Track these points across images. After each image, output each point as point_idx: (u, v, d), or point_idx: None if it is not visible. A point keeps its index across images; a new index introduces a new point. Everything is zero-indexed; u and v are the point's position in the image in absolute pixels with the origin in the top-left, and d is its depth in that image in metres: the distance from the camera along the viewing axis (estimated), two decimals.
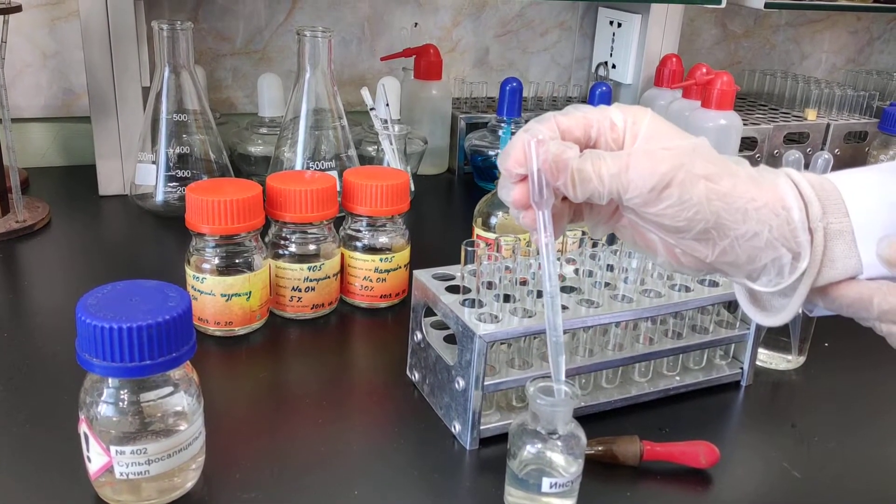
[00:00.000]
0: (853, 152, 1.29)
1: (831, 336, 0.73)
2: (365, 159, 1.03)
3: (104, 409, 0.46)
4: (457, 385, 0.55)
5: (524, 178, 0.40)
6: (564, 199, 0.41)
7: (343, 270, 0.74)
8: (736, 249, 0.40)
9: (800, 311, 0.66)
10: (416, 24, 1.22)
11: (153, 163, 0.91)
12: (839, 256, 0.39)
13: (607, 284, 0.59)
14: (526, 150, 0.39)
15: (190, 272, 0.67)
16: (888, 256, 0.37)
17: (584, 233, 0.61)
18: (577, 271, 0.61)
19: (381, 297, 0.74)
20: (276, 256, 0.71)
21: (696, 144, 0.40)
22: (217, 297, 0.66)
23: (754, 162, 0.42)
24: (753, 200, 0.39)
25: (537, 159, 0.39)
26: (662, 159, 0.39)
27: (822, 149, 1.27)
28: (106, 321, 0.43)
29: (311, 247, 0.71)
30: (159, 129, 0.90)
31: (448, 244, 0.77)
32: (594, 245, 0.61)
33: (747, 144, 1.21)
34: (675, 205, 0.39)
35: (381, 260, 0.73)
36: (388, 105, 0.99)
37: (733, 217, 0.39)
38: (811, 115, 1.28)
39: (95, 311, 0.44)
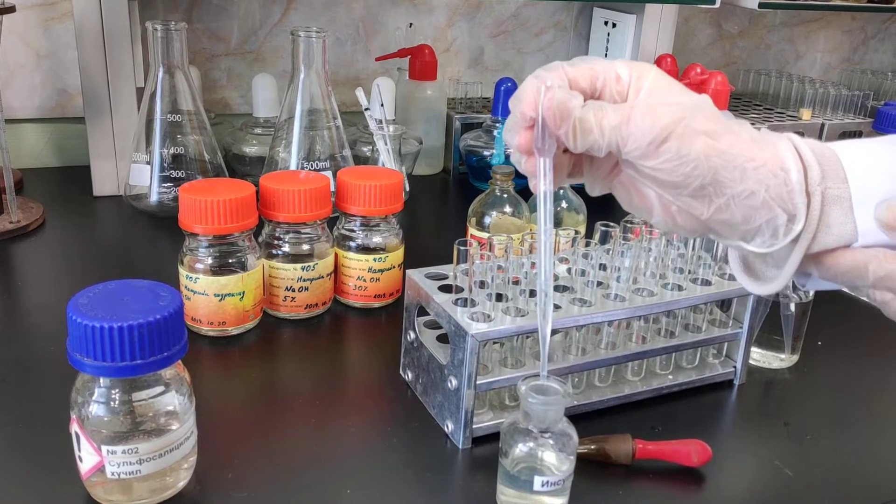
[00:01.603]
0: None
1: (824, 335, 0.73)
2: (360, 159, 1.03)
3: (95, 409, 0.46)
4: (449, 384, 0.55)
5: (533, 124, 0.40)
6: (565, 151, 0.42)
7: (337, 270, 0.74)
8: (732, 208, 0.40)
9: (792, 309, 0.66)
10: (410, 24, 1.22)
11: (147, 163, 0.91)
12: (835, 222, 0.39)
13: (600, 283, 0.59)
14: (535, 96, 0.40)
15: (183, 272, 0.67)
16: (886, 220, 0.37)
17: (576, 232, 0.61)
18: (569, 270, 0.61)
19: (374, 296, 0.74)
20: (270, 256, 0.71)
21: (698, 101, 0.40)
22: (210, 296, 0.66)
23: None
24: (752, 160, 0.39)
25: (542, 105, 0.39)
26: (663, 113, 0.39)
27: None
28: (97, 321, 0.43)
29: (305, 247, 0.71)
30: (153, 130, 0.90)
31: (442, 244, 0.77)
32: (587, 244, 0.61)
33: None
34: (673, 159, 0.39)
35: (374, 260, 0.73)
36: (382, 105, 1.00)
37: (731, 175, 0.39)
38: (806, 114, 1.28)
39: (86, 311, 0.44)
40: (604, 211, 1.06)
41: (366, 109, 0.98)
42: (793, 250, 0.40)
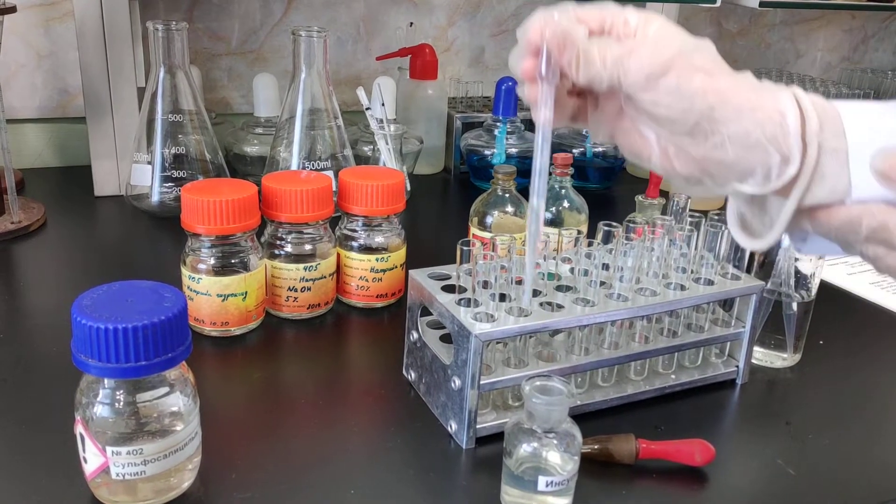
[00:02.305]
0: None
1: (826, 334, 0.73)
2: (361, 159, 1.03)
3: (100, 410, 0.46)
4: (453, 384, 0.55)
5: (538, 52, 0.42)
6: (570, 92, 0.44)
7: (339, 270, 0.74)
8: (726, 146, 0.40)
9: (794, 308, 0.66)
10: (411, 23, 1.22)
11: (149, 163, 0.91)
12: (830, 174, 0.40)
13: (603, 283, 0.60)
14: (542, 24, 0.41)
15: (186, 272, 0.67)
16: (882, 169, 0.37)
17: (579, 231, 0.61)
18: (572, 270, 0.61)
19: (377, 296, 0.74)
20: (272, 256, 0.71)
21: (700, 43, 0.41)
22: (213, 297, 0.66)
23: None
24: (749, 101, 0.40)
25: (547, 33, 0.41)
26: (664, 48, 0.40)
27: None
28: (101, 322, 0.43)
29: (307, 247, 0.71)
30: (155, 130, 0.90)
31: (444, 244, 0.77)
32: (590, 244, 0.61)
33: None
34: (671, 92, 0.40)
35: (377, 260, 0.73)
36: (383, 105, 0.99)
37: (727, 114, 0.40)
38: None
39: (91, 312, 0.44)
40: (606, 210, 1.06)
41: (367, 109, 0.98)
42: (786, 203, 0.41)
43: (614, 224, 0.61)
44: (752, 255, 0.66)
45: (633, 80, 0.40)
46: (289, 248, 0.71)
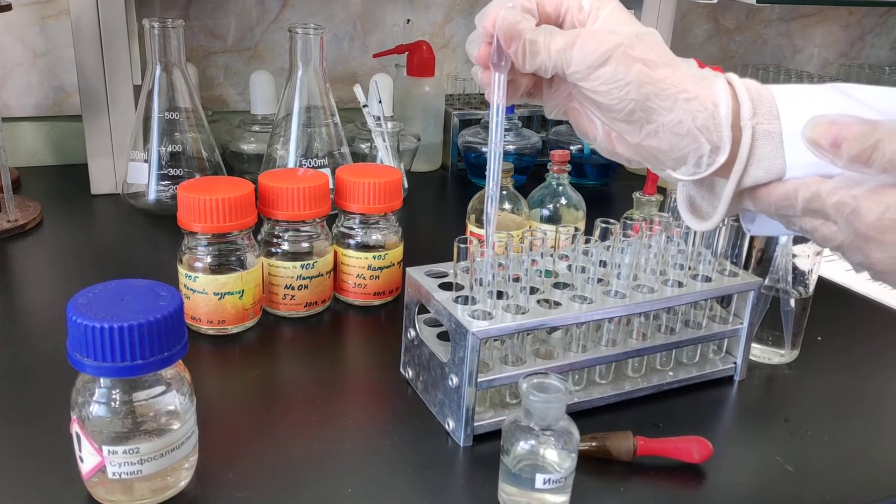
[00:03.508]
0: None
1: (824, 330, 0.73)
2: (358, 156, 1.03)
3: (96, 409, 0.45)
4: (450, 382, 0.55)
5: (492, 40, 0.44)
6: (525, 73, 0.45)
7: (336, 268, 0.74)
8: (660, 134, 0.42)
9: (792, 305, 0.66)
10: (408, 20, 1.22)
11: (145, 161, 0.91)
12: (765, 156, 0.41)
13: (600, 280, 0.59)
14: (497, 14, 0.43)
15: (182, 271, 0.67)
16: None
17: (576, 228, 0.61)
18: (569, 267, 0.61)
19: (374, 294, 0.74)
20: (269, 255, 0.71)
21: (642, 33, 0.43)
22: (210, 295, 0.66)
23: None
24: (685, 92, 0.42)
25: (497, 24, 0.43)
26: (605, 40, 0.42)
27: None
28: (97, 321, 0.43)
29: (304, 245, 0.71)
30: (151, 128, 0.90)
31: (441, 241, 0.77)
32: (587, 241, 0.61)
33: None
34: (608, 82, 0.42)
35: (374, 257, 0.73)
36: (380, 102, 0.99)
37: (662, 103, 0.42)
38: None
39: (86, 311, 0.44)
40: (603, 207, 1.06)
41: (364, 106, 0.98)
42: (726, 184, 0.42)
43: (611, 221, 0.61)
44: (749, 251, 0.66)
45: (575, 69, 0.42)
46: (286, 246, 0.71)
